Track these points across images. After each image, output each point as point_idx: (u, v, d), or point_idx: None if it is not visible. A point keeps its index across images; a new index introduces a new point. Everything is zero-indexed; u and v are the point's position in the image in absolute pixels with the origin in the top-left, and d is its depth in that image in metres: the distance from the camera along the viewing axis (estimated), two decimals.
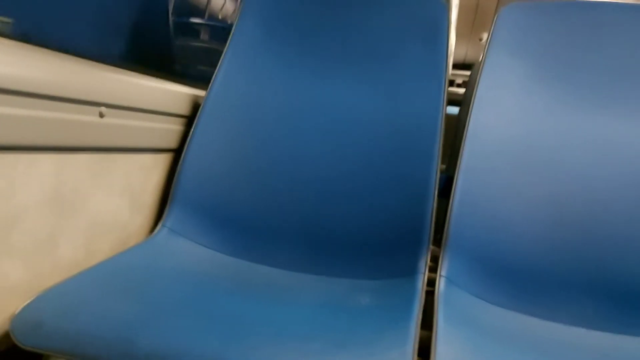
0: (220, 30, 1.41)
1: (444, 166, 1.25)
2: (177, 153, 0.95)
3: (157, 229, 0.85)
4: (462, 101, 1.51)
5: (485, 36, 0.95)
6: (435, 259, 0.80)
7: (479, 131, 0.87)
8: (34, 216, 0.64)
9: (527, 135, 0.86)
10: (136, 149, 0.83)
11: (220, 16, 1.44)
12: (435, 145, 0.87)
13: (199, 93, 1.00)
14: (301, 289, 0.75)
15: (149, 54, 1.11)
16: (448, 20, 0.98)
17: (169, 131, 0.92)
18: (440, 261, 0.78)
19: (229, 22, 1.42)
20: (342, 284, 0.78)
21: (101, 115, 0.72)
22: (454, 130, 1.31)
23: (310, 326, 0.61)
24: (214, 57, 1.02)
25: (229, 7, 1.47)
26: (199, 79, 1.04)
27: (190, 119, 0.97)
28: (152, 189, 0.90)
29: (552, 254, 0.78)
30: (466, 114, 0.89)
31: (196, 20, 1.36)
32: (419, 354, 0.56)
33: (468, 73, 1.97)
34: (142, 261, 0.75)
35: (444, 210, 0.83)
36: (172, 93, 0.92)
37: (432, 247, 0.80)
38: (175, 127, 0.94)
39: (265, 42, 1.02)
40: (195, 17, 1.36)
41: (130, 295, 0.63)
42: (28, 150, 0.61)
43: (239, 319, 0.61)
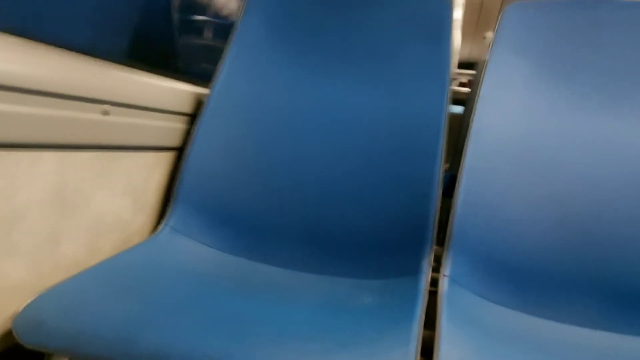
0: (224, 28, 1.41)
1: (447, 165, 1.24)
2: (180, 151, 0.94)
3: (159, 227, 0.85)
4: (466, 100, 1.51)
5: (490, 35, 0.95)
6: (438, 259, 0.79)
7: (482, 130, 0.87)
8: (36, 214, 0.64)
9: (531, 134, 0.86)
10: (139, 147, 0.83)
11: (223, 13, 1.44)
12: (439, 144, 0.86)
13: (202, 91, 1.00)
14: (303, 289, 0.75)
15: (152, 51, 1.11)
16: (451, 19, 0.97)
17: (172, 129, 0.92)
18: (443, 261, 0.77)
19: (232, 20, 1.42)
20: (344, 283, 0.78)
21: (104, 113, 0.72)
22: (458, 129, 1.30)
23: (312, 326, 0.60)
24: (217, 55, 1.02)
25: (233, 4, 1.46)
26: (203, 77, 1.04)
27: (193, 117, 0.96)
28: (155, 188, 0.90)
29: (555, 254, 0.78)
30: (470, 113, 0.89)
31: (199, 18, 1.36)
32: (421, 354, 0.56)
33: (472, 72, 1.96)
34: (144, 260, 0.75)
35: (447, 209, 0.82)
36: (175, 91, 0.92)
37: (435, 246, 0.80)
38: (178, 126, 0.94)
39: (268, 40, 1.02)
40: (198, 14, 1.36)
41: (132, 295, 0.63)
42: (31, 148, 0.61)
43: (241, 318, 0.61)
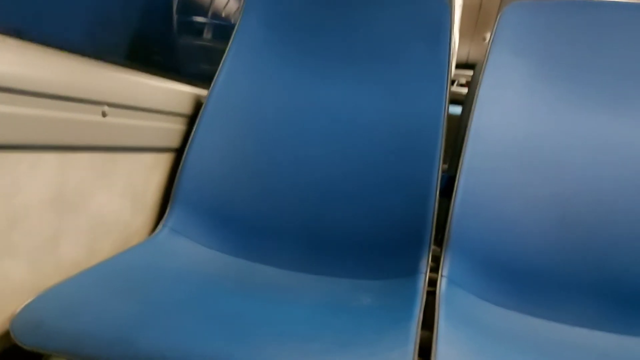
0: (224, 29, 1.41)
1: (445, 166, 1.24)
2: (179, 152, 0.95)
3: (158, 228, 0.85)
4: (464, 101, 1.51)
5: (488, 36, 0.95)
6: (436, 259, 0.80)
7: (481, 131, 0.87)
8: (35, 215, 0.64)
9: (529, 135, 0.86)
10: (138, 148, 0.83)
11: (223, 14, 1.44)
12: (437, 145, 0.86)
13: (201, 92, 1.00)
14: (302, 289, 0.75)
15: (152, 52, 1.11)
16: (451, 19, 0.97)
17: (171, 130, 0.92)
18: (441, 261, 0.78)
19: (232, 21, 1.42)
20: (343, 284, 0.78)
21: (104, 115, 0.72)
22: (456, 129, 1.30)
23: (311, 326, 0.61)
24: (217, 56, 1.02)
25: (233, 5, 1.47)
26: (203, 78, 1.04)
27: (192, 118, 0.97)
28: (154, 189, 0.90)
29: (553, 254, 0.78)
30: (468, 114, 0.89)
31: (200, 19, 1.36)
32: (419, 355, 0.56)
33: (471, 73, 1.96)
34: (144, 261, 0.75)
35: (446, 210, 0.82)
36: (175, 92, 0.92)
37: (433, 247, 0.80)
38: (177, 127, 0.94)
39: (267, 41, 1.02)
40: (198, 15, 1.36)
41: (131, 295, 0.63)
42: (31, 150, 0.61)
43: (240, 318, 0.61)
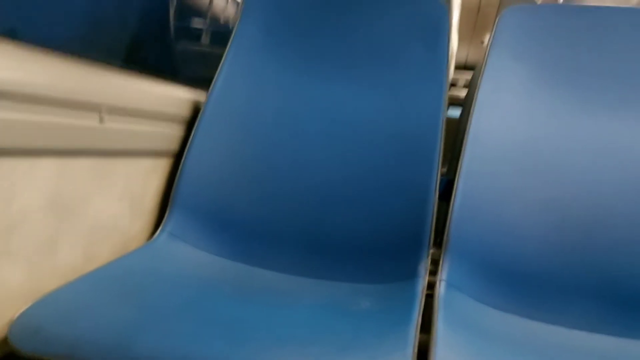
0: (222, 34, 1.41)
1: (444, 169, 1.24)
2: (177, 157, 0.94)
3: (157, 233, 0.85)
4: (463, 104, 1.51)
5: (487, 39, 0.95)
6: (435, 263, 0.79)
7: (479, 134, 0.87)
8: (33, 221, 0.64)
9: (528, 137, 0.86)
10: (136, 153, 0.83)
11: (222, 19, 1.44)
12: (436, 148, 0.86)
13: (200, 96, 1.00)
14: (301, 293, 0.75)
15: (149, 57, 1.11)
16: (449, 22, 0.98)
17: (169, 135, 0.92)
18: (440, 265, 0.77)
19: (230, 26, 1.42)
20: (342, 287, 0.78)
21: (101, 119, 0.72)
22: (456, 132, 1.31)
23: (310, 330, 0.61)
24: (215, 60, 1.02)
25: (231, 10, 1.47)
26: (201, 83, 1.04)
27: (190, 123, 0.97)
28: (152, 193, 0.90)
29: (553, 257, 0.78)
30: (467, 117, 0.89)
31: (198, 24, 1.36)
32: (418, 358, 0.56)
33: (471, 74, 1.96)
34: (142, 266, 0.75)
35: (445, 213, 0.82)
36: (173, 97, 0.92)
37: (432, 250, 0.80)
38: (175, 131, 0.94)
39: (265, 45, 1.02)
40: (196, 20, 1.36)
41: (129, 300, 0.63)
42: (28, 155, 0.61)
43: (239, 323, 0.61)
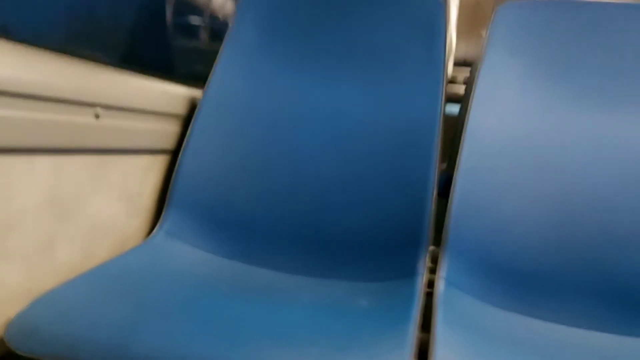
0: (220, 31, 1.41)
1: (444, 165, 1.24)
2: (174, 154, 0.94)
3: (154, 231, 0.85)
4: (462, 99, 1.50)
5: (485, 34, 0.95)
6: (435, 260, 0.79)
7: (477, 130, 0.86)
8: (31, 219, 0.63)
9: (526, 133, 0.86)
10: (133, 151, 0.83)
11: (220, 16, 1.43)
12: (434, 144, 0.86)
13: (196, 93, 0.99)
14: (299, 292, 0.75)
15: (146, 55, 1.10)
16: (446, 18, 0.97)
17: (165, 132, 0.92)
18: (439, 262, 0.77)
19: (229, 23, 1.41)
20: (340, 286, 0.77)
21: (97, 116, 0.71)
22: (454, 128, 1.30)
23: (309, 329, 0.60)
24: (211, 57, 1.02)
25: (229, 7, 1.46)
26: (198, 80, 1.04)
27: (187, 120, 0.96)
28: (150, 191, 0.90)
29: (553, 255, 0.78)
30: (466, 113, 0.89)
31: (195, 21, 1.36)
32: (418, 357, 0.55)
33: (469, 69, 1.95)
34: (140, 264, 0.75)
35: (444, 210, 0.82)
36: (169, 93, 0.91)
37: (431, 247, 0.80)
38: (172, 128, 0.93)
39: (262, 42, 1.01)
40: (194, 17, 1.35)
41: (127, 299, 0.63)
42: (25, 153, 0.61)
43: (237, 321, 0.61)
